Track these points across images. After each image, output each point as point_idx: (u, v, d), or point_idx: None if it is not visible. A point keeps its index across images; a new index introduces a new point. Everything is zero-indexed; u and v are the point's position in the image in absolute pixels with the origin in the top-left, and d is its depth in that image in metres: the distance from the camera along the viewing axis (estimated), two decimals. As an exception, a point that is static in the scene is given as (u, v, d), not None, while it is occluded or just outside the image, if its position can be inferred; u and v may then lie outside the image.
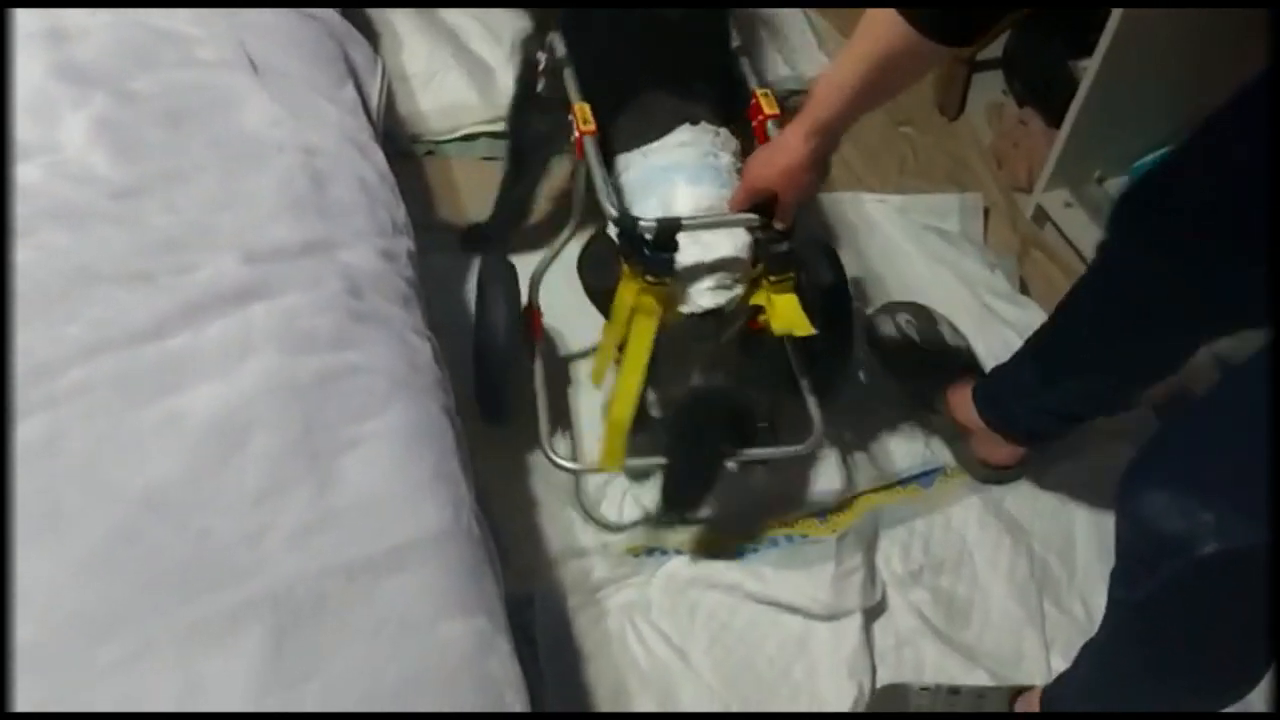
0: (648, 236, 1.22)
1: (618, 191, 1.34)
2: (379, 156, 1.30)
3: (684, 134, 1.37)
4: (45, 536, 0.87)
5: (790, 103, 1.67)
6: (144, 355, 0.99)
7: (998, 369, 1.62)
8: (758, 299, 1.35)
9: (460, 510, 1.00)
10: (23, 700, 0.79)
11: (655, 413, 1.50)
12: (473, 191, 2.00)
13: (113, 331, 0.99)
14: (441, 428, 1.06)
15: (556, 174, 1.78)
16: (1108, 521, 1.15)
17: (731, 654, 1.46)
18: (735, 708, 1.41)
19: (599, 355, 1.46)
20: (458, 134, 2.04)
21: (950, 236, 1.99)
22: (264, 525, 0.91)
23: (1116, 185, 1.99)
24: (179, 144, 1.17)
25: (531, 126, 1.66)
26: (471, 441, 1.15)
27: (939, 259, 1.94)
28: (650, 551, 1.55)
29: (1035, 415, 1.54)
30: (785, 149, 1.21)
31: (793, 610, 1.48)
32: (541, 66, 1.52)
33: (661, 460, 1.47)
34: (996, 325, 1.84)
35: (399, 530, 0.94)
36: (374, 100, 1.44)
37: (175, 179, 1.13)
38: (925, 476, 1.68)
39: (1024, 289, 1.94)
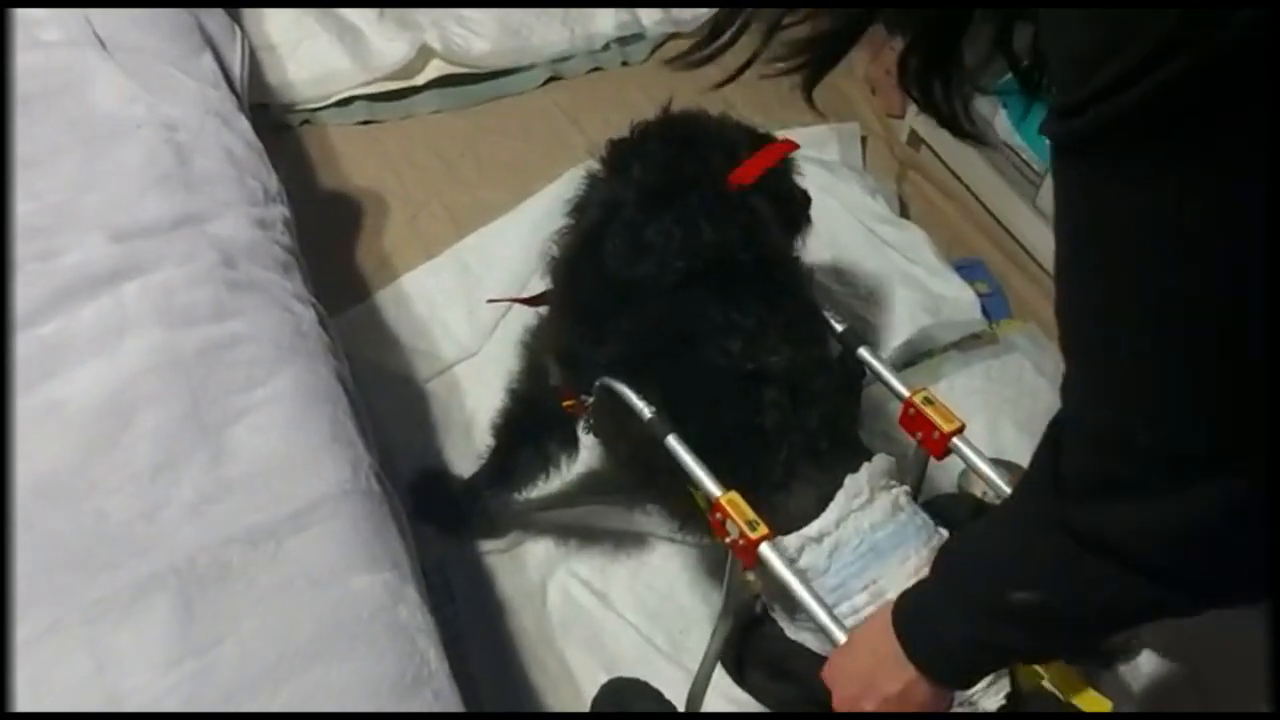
0: None
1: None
2: (244, 126, 1.28)
3: (853, 491, 1.01)
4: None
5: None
6: (17, 345, 0.97)
7: None
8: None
9: (359, 469, 1.01)
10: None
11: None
12: (353, 158, 1.98)
13: (-18, 323, 0.97)
14: (334, 391, 1.06)
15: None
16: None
17: (651, 589, 1.50)
18: (659, 641, 1.45)
19: None
20: (331, 100, 2.01)
21: (831, 166, 2.04)
22: (160, 500, 0.91)
23: (984, 102, 2.06)
24: (32, 128, 1.14)
25: (534, 444, 1.35)
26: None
27: (822, 188, 1.98)
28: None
29: None
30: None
31: (705, 546, 1.52)
32: (588, 404, 1.17)
33: None
34: (882, 248, 1.90)
35: (298, 493, 0.95)
36: (235, 70, 1.41)
37: (31, 164, 1.10)
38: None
39: (904, 211, 2.00)
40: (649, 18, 2.26)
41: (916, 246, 1.88)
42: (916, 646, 0.76)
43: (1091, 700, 0.99)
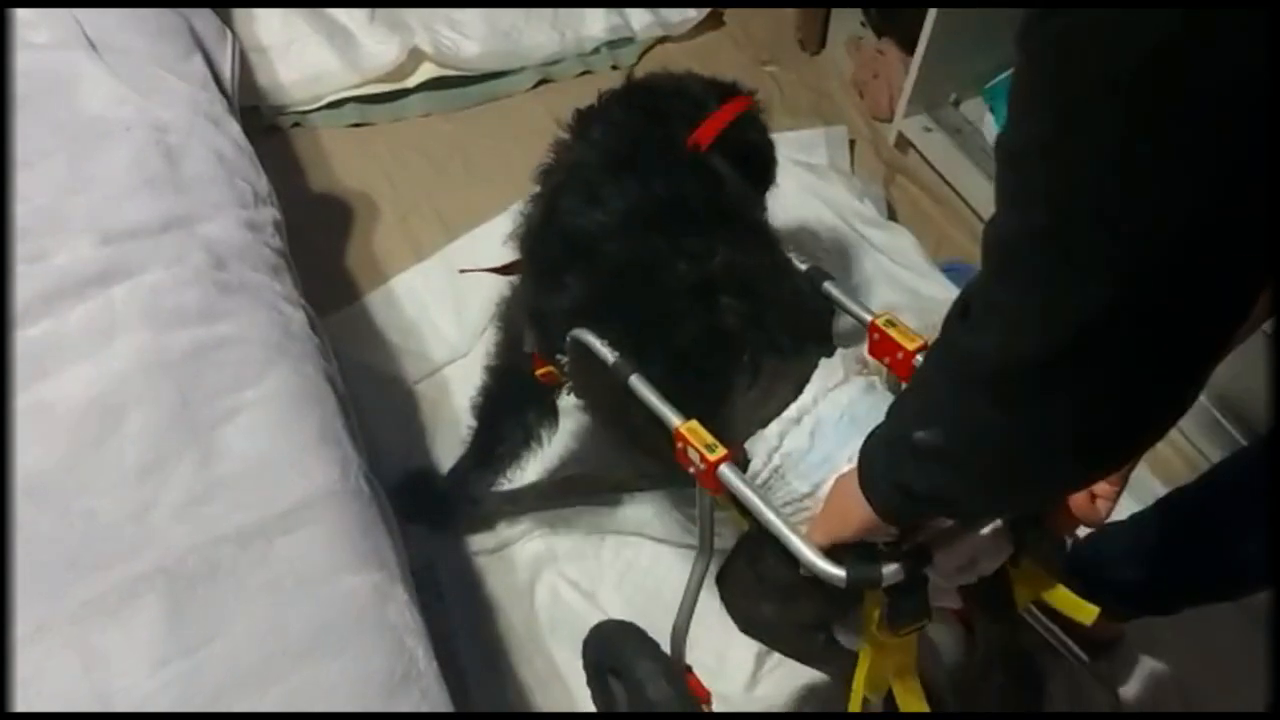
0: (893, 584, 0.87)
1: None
2: (234, 128, 1.28)
3: (828, 374, 1.02)
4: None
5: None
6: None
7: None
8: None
9: (349, 469, 1.01)
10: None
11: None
12: (344, 160, 1.98)
13: (-30, 325, 0.98)
14: (323, 392, 1.07)
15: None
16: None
17: (640, 589, 1.51)
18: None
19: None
20: (322, 102, 2.01)
21: (819, 170, 2.05)
22: (149, 501, 0.92)
23: (971, 107, 2.07)
24: (21, 131, 1.14)
25: (514, 417, 1.37)
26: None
27: (811, 192, 2.00)
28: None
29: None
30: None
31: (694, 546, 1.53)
32: (564, 366, 1.17)
33: None
34: (870, 252, 1.91)
35: (287, 493, 0.95)
36: (225, 72, 1.41)
37: (21, 166, 1.11)
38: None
39: (892, 214, 2.02)
40: (639, 21, 2.27)
41: (904, 249, 1.89)
42: (862, 480, 0.79)
43: (1078, 606, 1.00)
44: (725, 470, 0.95)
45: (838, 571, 0.85)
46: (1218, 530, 1.23)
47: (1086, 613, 0.99)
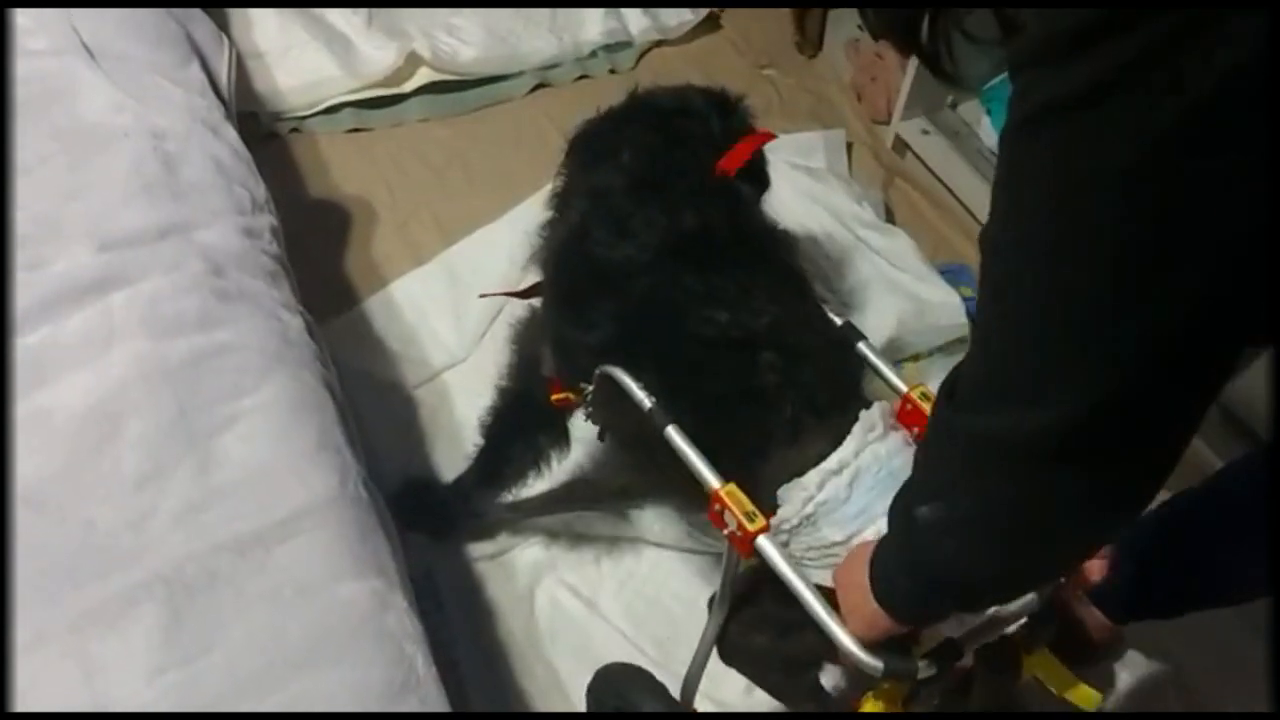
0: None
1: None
2: (232, 135, 1.28)
3: (867, 426, 1.00)
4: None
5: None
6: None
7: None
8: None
9: (347, 477, 1.01)
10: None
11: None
12: (342, 166, 1.98)
13: (-33, 333, 0.98)
14: (321, 400, 1.07)
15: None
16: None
17: (640, 595, 1.50)
18: (647, 647, 1.45)
19: None
20: (319, 107, 2.01)
21: (817, 173, 2.05)
22: (147, 509, 0.92)
23: (969, 109, 2.08)
24: (19, 137, 1.14)
25: (524, 440, 1.35)
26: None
27: (809, 196, 2.00)
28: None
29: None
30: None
31: (695, 551, 1.53)
32: (587, 394, 1.14)
33: None
34: (868, 255, 1.91)
35: (286, 501, 0.95)
36: (223, 79, 1.41)
37: (18, 173, 1.10)
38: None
39: (890, 217, 2.01)
40: (636, 25, 2.27)
41: (902, 252, 1.88)
42: (873, 583, 0.80)
43: (1083, 694, 1.00)
44: (764, 543, 0.94)
45: (875, 662, 0.86)
46: (1219, 536, 1.23)
47: (1089, 699, 1.00)
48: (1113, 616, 1.37)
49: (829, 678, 1.03)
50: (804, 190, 2.02)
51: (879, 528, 0.95)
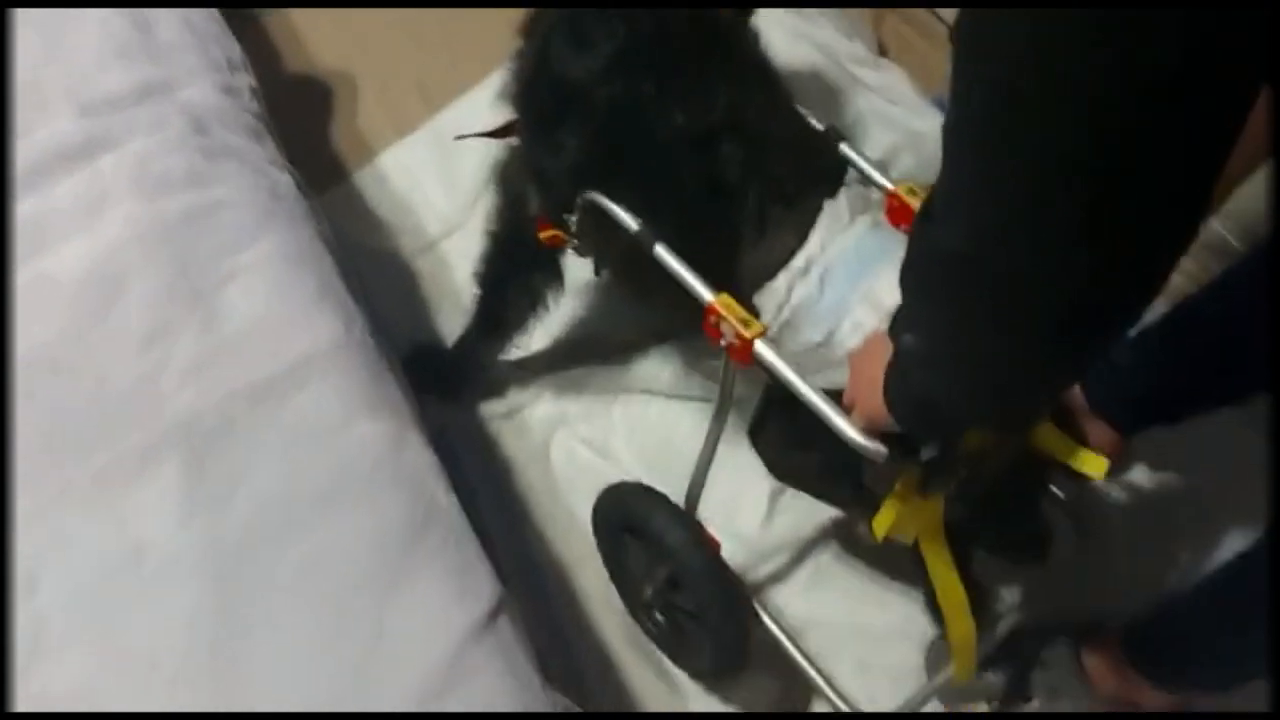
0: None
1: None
2: (201, -1, 1.25)
3: (833, 218, 1.02)
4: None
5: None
6: (-4, 223, 0.97)
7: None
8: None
9: (352, 324, 1.02)
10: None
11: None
12: (319, 40, 1.93)
13: (-43, 205, 0.97)
14: (318, 251, 1.06)
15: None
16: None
17: (651, 441, 1.53)
18: (662, 489, 1.48)
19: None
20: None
21: (807, 13, 1.99)
22: (157, 365, 0.93)
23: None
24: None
25: (519, 282, 1.35)
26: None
27: (799, 34, 1.95)
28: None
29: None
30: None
31: (703, 399, 1.55)
32: (573, 228, 1.14)
33: None
34: (863, 91, 1.88)
35: (293, 348, 0.96)
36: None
37: (-13, 43, 1.08)
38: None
39: (882, 51, 1.97)
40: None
41: (896, 86, 1.85)
42: (885, 387, 0.80)
43: (1090, 461, 1.01)
44: (761, 347, 0.94)
45: (879, 448, 0.87)
46: (1223, 331, 1.23)
47: (1097, 465, 1.00)
48: (1118, 425, 1.37)
49: (871, 480, 1.03)
50: (794, 29, 1.97)
51: (855, 318, 0.95)
